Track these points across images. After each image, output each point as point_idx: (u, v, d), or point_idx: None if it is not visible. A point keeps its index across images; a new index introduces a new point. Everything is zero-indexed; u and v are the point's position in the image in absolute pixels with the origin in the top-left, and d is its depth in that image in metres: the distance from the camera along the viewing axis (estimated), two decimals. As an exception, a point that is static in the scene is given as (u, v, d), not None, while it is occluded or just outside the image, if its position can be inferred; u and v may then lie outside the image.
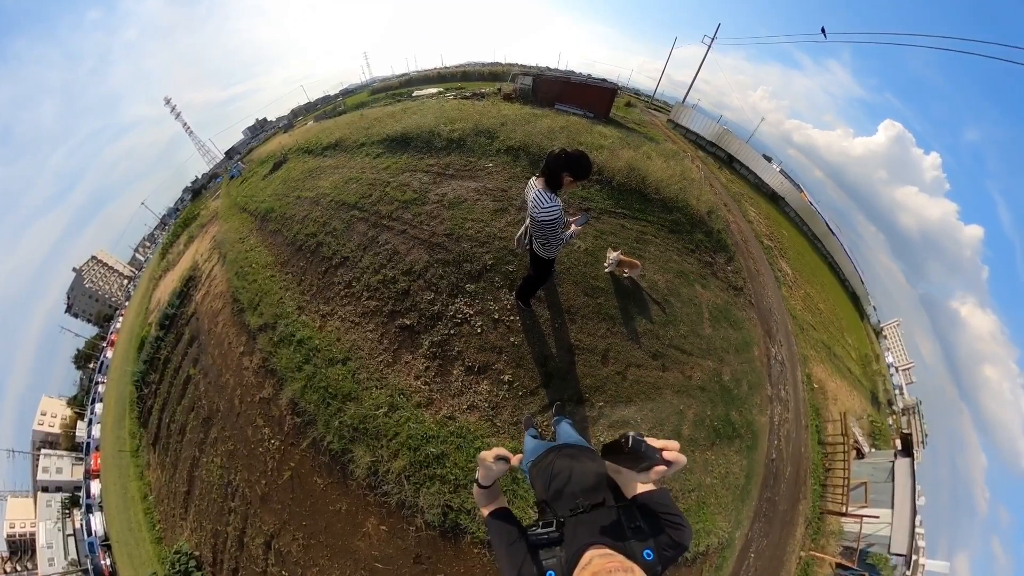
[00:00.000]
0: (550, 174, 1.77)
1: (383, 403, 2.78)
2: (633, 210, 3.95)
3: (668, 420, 2.93)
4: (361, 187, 4.49)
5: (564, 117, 6.08)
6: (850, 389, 8.22)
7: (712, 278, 3.97)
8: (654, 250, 3.70)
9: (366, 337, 3.13)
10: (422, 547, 2.45)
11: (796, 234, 11.72)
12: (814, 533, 5.02)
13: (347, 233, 3.94)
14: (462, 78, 16.73)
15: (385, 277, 3.29)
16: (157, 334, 6.84)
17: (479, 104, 7.17)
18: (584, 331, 2.98)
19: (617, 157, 4.37)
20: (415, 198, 3.90)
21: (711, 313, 3.63)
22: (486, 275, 3.13)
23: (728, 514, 3.09)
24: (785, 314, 5.78)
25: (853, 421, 7.59)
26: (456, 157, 4.47)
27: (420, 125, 5.20)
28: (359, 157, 5.50)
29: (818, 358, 6.54)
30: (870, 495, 6.88)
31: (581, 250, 3.37)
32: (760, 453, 3.67)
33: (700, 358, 3.30)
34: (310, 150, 7.43)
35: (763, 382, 4.01)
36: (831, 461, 5.76)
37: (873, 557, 7.47)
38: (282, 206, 5.55)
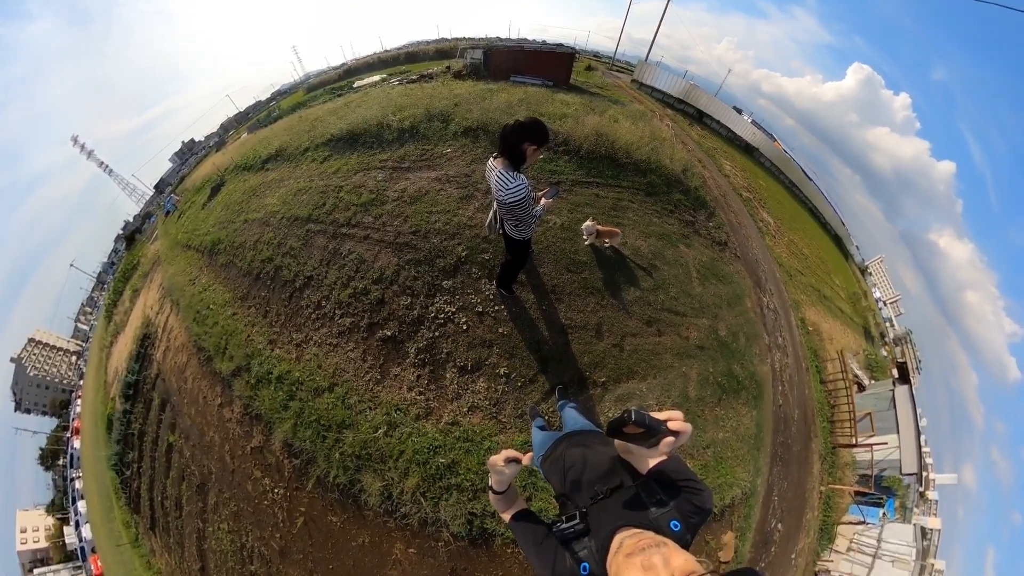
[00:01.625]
0: (509, 150, 1.76)
1: (381, 423, 2.75)
2: (606, 177, 4.07)
3: (673, 384, 3.11)
4: (312, 197, 4.32)
5: (521, 89, 6.09)
6: (843, 327, 9.07)
7: (695, 236, 4.19)
8: (632, 215, 3.85)
9: (348, 358, 3.07)
10: (455, 560, 2.50)
11: (774, 183, 12.54)
12: (830, 467, 5.57)
13: (306, 250, 3.81)
14: (407, 60, 16.23)
15: (355, 290, 3.23)
16: (123, 408, 6.33)
17: (428, 86, 6.98)
18: (573, 308, 3.07)
19: (582, 124, 4.45)
20: (373, 199, 3.81)
21: (699, 271, 3.85)
22: (462, 268, 3.14)
23: (746, 464, 3.35)
24: (772, 263, 6.23)
25: (850, 357, 8.39)
26: (410, 147, 4.39)
27: (366, 118, 5.05)
28: (304, 164, 5.27)
29: (809, 302, 7.13)
30: (876, 424, 7.66)
31: (557, 226, 3.45)
32: (767, 401, 3.98)
33: (694, 317, 3.51)
34: (249, 166, 7.03)
35: (759, 332, 4.32)
36: (835, 398, 6.36)
37: (888, 480, 8.41)
38: (229, 234, 5.25)
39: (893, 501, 9.32)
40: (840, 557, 5.79)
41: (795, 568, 4.62)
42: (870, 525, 6.38)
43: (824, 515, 5.37)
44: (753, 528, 3.53)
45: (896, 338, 21.97)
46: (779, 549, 4.08)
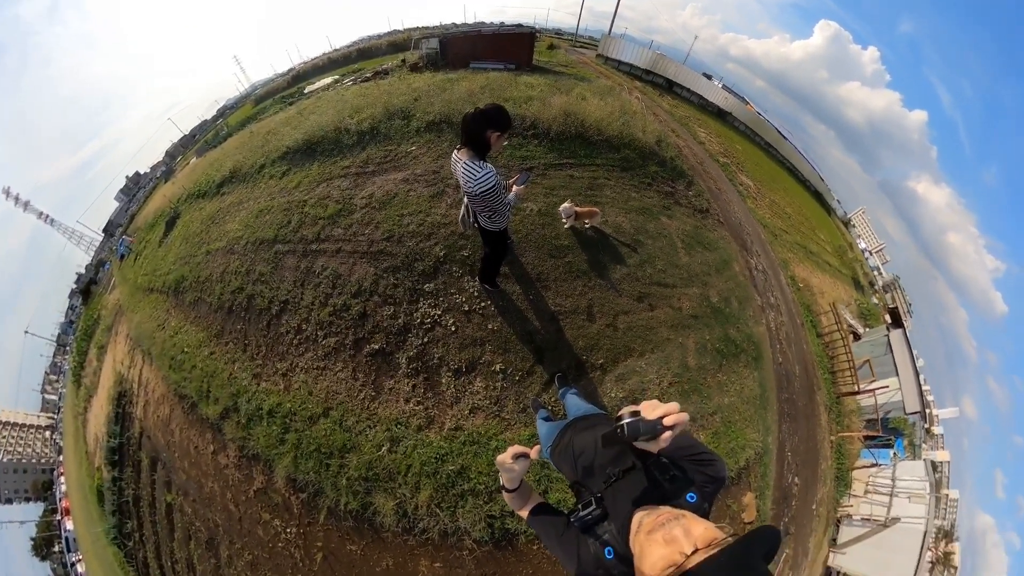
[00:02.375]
0: (472, 139, 1.76)
1: (383, 441, 2.73)
2: (578, 157, 4.12)
3: (671, 356, 3.20)
4: (276, 216, 4.21)
5: (483, 75, 6.05)
6: (833, 280, 9.53)
7: (676, 206, 4.31)
8: (610, 193, 3.92)
9: (338, 379, 3.03)
10: (483, 566, 2.53)
11: (750, 146, 12.97)
12: (837, 416, 5.87)
13: (277, 273, 3.72)
14: (359, 58, 15.80)
15: (335, 307, 3.18)
16: (112, 476, 5.91)
17: (384, 83, 6.87)
18: (561, 294, 3.11)
19: (549, 106, 4.47)
20: (340, 209, 3.75)
21: (683, 241, 3.96)
22: (442, 268, 3.13)
23: (755, 425, 3.50)
24: (756, 225, 6.47)
25: (843, 309, 8.84)
26: (373, 150, 4.33)
27: (322, 125, 4.93)
28: (263, 182, 5.12)
29: (797, 259, 7.46)
30: (875, 369, 8.13)
31: (534, 212, 3.47)
32: (767, 361, 4.16)
33: (684, 288, 3.61)
34: (203, 192, 6.71)
35: (751, 294, 4.50)
36: (832, 349, 6.70)
37: (894, 421, 8.97)
38: (193, 269, 5.04)
39: (901, 441, 9.93)
40: (859, 501, 6.14)
41: (818, 518, 4.88)
42: (883, 466, 6.78)
43: (838, 463, 5.66)
44: (771, 486, 3.70)
45: (885, 285, 23.35)
46: (799, 502, 4.31)
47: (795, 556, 4.39)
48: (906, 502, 6.12)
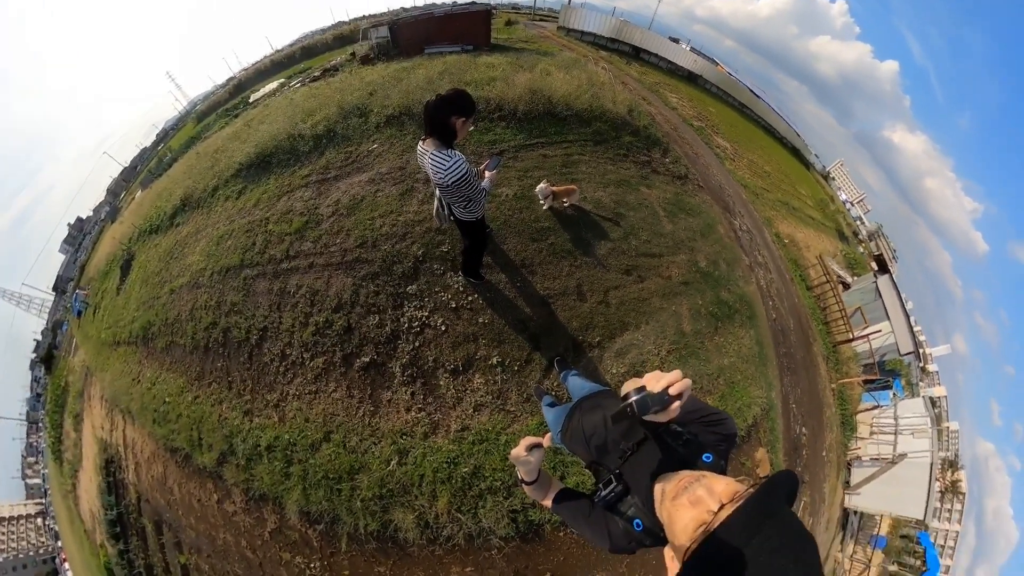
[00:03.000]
0: (436, 128, 1.74)
1: (391, 455, 2.72)
2: (549, 135, 4.14)
3: (667, 325, 3.31)
4: (238, 240, 4.07)
5: (440, 60, 5.96)
6: (817, 234, 10.00)
7: (654, 175, 4.40)
8: (586, 168, 3.97)
9: (333, 400, 2.99)
10: (514, 562, 2.58)
11: (723, 107, 13.31)
12: (835, 365, 6.23)
13: (250, 301, 3.60)
14: (304, 57, 15.17)
15: (317, 325, 3.11)
16: (117, 550, 5.55)
17: (335, 80, 6.66)
18: (548, 277, 3.15)
19: (513, 84, 4.45)
20: (306, 222, 3.65)
21: (665, 209, 4.06)
22: (423, 268, 3.11)
23: (758, 382, 3.67)
24: (736, 186, 6.69)
25: (830, 260, 9.31)
26: (332, 153, 4.22)
27: (274, 134, 4.77)
28: (219, 206, 4.91)
29: (780, 216, 7.78)
30: (867, 316, 8.63)
31: (511, 197, 3.48)
32: (761, 319, 4.35)
33: (671, 256, 3.72)
34: (156, 227, 6.36)
35: (738, 255, 4.67)
36: (823, 301, 7.08)
37: (890, 363, 9.59)
38: (159, 312, 4.79)
39: (899, 381, 10.65)
40: (866, 443, 6.56)
41: (829, 463, 5.20)
42: (884, 407, 7.25)
43: (841, 409, 6.04)
44: (781, 439, 3.91)
45: (869, 234, 24.71)
46: (810, 451, 4.57)
47: (812, 503, 4.67)
48: (910, 438, 6.57)
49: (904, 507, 6.17)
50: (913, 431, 6.70)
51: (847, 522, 6.43)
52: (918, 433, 6.64)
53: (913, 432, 6.68)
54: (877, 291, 9.04)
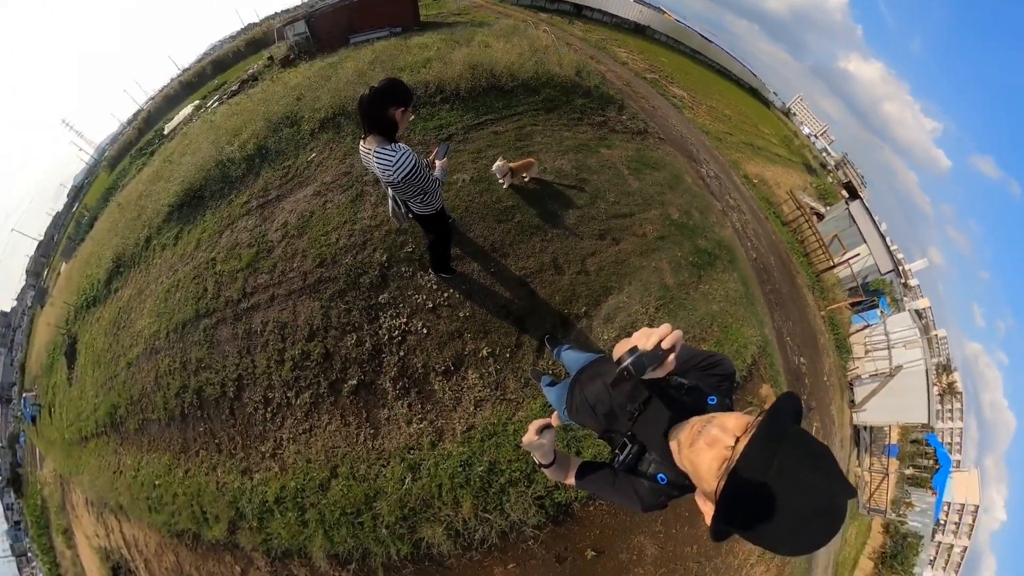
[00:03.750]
0: (375, 123, 1.71)
1: (403, 473, 2.71)
2: (497, 110, 4.12)
3: (650, 282, 3.42)
4: (187, 290, 3.86)
5: (367, 49, 5.77)
6: (785, 170, 10.56)
7: (612, 135, 4.48)
8: (541, 139, 3.99)
9: (330, 432, 2.93)
10: (553, 547, 2.66)
11: (675, 56, 13.62)
12: (821, 293, 6.68)
13: (216, 352, 3.45)
14: (216, 71, 14.20)
15: (294, 360, 3.03)
16: None
17: (256, 91, 6.38)
18: (522, 256, 3.18)
19: (451, 63, 4.38)
20: (256, 252, 3.52)
21: (629, 167, 4.16)
22: (391, 274, 3.07)
23: (749, 322, 3.87)
24: (698, 134, 6.93)
25: (800, 194, 9.88)
26: (269, 172, 4.05)
27: (200, 164, 4.54)
28: (156, 258, 4.63)
29: (746, 157, 8.15)
30: (844, 242, 9.27)
31: (468, 182, 3.46)
32: (742, 260, 4.57)
33: (643, 213, 3.83)
34: (92, 299, 5.88)
35: (710, 201, 4.87)
36: (800, 234, 7.53)
37: (873, 284, 10.41)
38: (121, 392, 4.47)
39: (884, 299, 11.60)
40: (862, 361, 7.13)
41: (832, 387, 5.60)
42: (874, 326, 7.87)
43: (834, 334, 6.49)
44: (781, 372, 4.17)
45: (836, 163, 26.38)
46: (811, 378, 4.91)
47: (824, 427, 5.04)
48: (903, 350, 7.19)
49: (908, 414, 6.77)
50: (905, 343, 7.32)
51: (859, 438, 6.99)
52: (909, 345, 7.27)
53: (905, 344, 7.30)
54: (851, 217, 9.71)
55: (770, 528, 0.55)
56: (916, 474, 11.76)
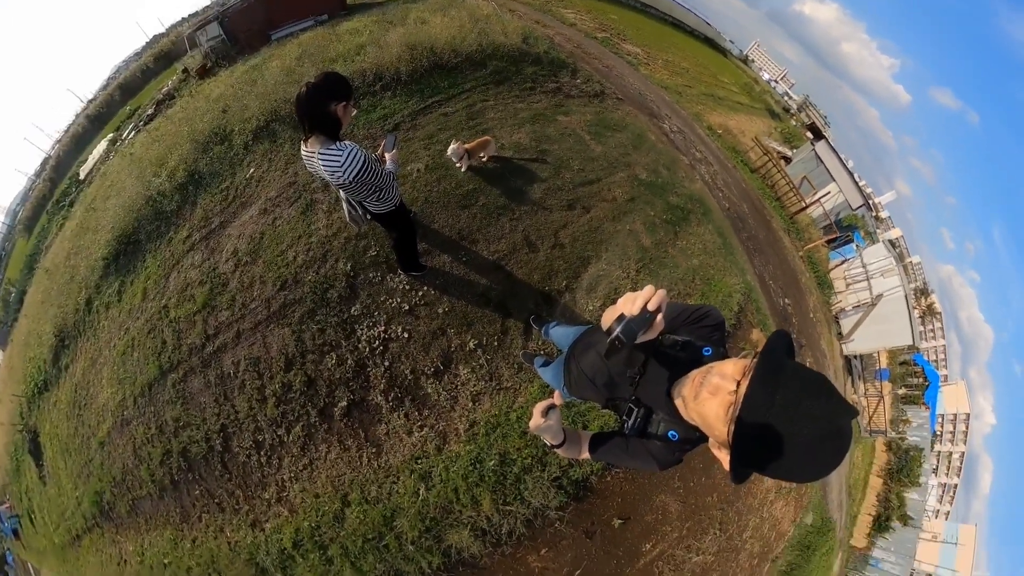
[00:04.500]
0: (315, 122, 1.64)
1: (415, 485, 2.71)
2: (443, 90, 4.04)
3: (627, 245, 3.50)
4: (144, 347, 3.67)
5: (292, 43, 5.54)
6: (748, 117, 10.95)
7: (568, 100, 4.49)
8: (494, 114, 3.95)
9: (332, 461, 2.89)
10: (580, 524, 2.78)
11: (625, 12, 13.66)
12: (797, 234, 7.07)
13: (191, 407, 3.31)
14: (125, 96, 13.12)
15: (276, 395, 2.95)
16: None
17: (175, 111, 6.02)
18: (492, 240, 3.18)
19: (387, 46, 4.25)
20: (210, 290, 3.37)
21: (590, 132, 4.19)
22: (358, 283, 3.01)
23: (731, 271, 4.05)
24: (656, 90, 7.05)
25: (766, 139, 10.29)
26: (206, 199, 3.86)
27: (128, 205, 4.27)
28: (102, 320, 4.34)
29: (707, 109, 8.38)
30: (814, 182, 9.78)
31: (422, 171, 3.41)
32: (715, 212, 4.75)
33: (609, 177, 3.89)
34: (42, 384, 5.44)
35: (676, 157, 5.00)
36: (770, 179, 7.88)
37: (846, 220, 11.09)
38: (101, 476, 4.21)
39: (858, 233, 12.39)
40: (844, 295, 7.65)
41: (818, 323, 5.98)
42: (851, 260, 8.44)
43: (814, 272, 6.93)
44: (768, 315, 4.41)
45: (798, 106, 27.62)
46: (798, 318, 5.22)
47: (816, 361, 5.40)
48: (882, 279, 7.76)
49: (894, 338, 7.36)
50: (882, 272, 7.90)
51: (851, 367, 7.55)
52: (887, 273, 7.85)
53: (883, 273, 7.88)
54: (817, 158, 10.23)
55: (785, 461, 0.59)
56: (908, 393, 12.86)
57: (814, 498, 4.61)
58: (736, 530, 3.46)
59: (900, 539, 10.47)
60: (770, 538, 4.02)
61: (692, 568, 3.15)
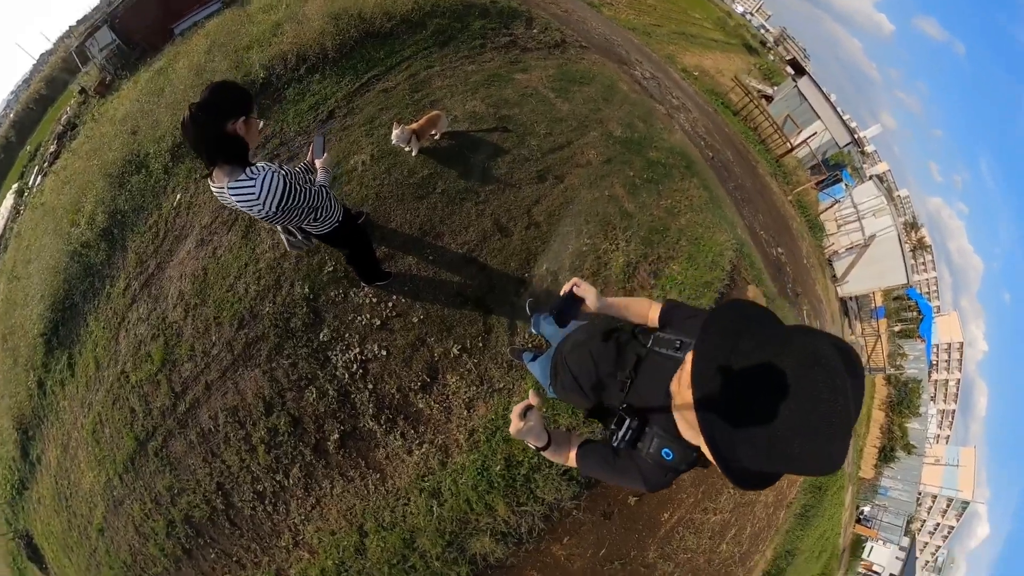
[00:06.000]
0: (214, 151, 1.39)
1: (427, 503, 2.76)
2: (380, 62, 3.67)
3: (610, 213, 3.33)
4: (114, 421, 3.53)
5: (199, 34, 4.95)
6: (724, 55, 10.63)
7: (526, 55, 4.15)
8: (442, 82, 3.61)
9: (338, 496, 2.91)
10: (596, 510, 2.92)
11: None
12: (784, 178, 7.05)
13: (181, 472, 3.27)
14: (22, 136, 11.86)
15: (264, 441, 2.93)
16: None
17: (79, 143, 5.53)
18: (458, 230, 2.97)
19: (307, 20, 3.82)
20: (164, 343, 3.24)
21: (553, 89, 3.90)
22: (321, 305, 2.86)
23: (720, 226, 3.95)
24: (623, 32, 6.65)
25: (745, 77, 10.05)
26: (136, 240, 3.61)
27: (52, 266, 4.02)
28: (61, 401, 4.11)
29: (680, 49, 8.04)
30: (798, 120, 9.69)
31: (368, 164, 3.11)
32: (699, 163, 4.58)
33: (581, 138, 3.65)
34: (18, 485, 5.06)
35: (651, 107, 4.75)
36: (752, 121, 7.72)
37: (833, 158, 11.16)
38: (109, 563, 4.08)
39: (846, 171, 12.57)
40: (836, 237, 7.81)
41: (813, 268, 6.06)
42: (841, 200, 8.57)
43: (804, 216, 6.98)
44: (762, 268, 4.37)
45: (775, 39, 27.16)
46: (792, 266, 5.25)
47: (813, 307, 5.50)
48: (873, 219, 7.94)
49: (888, 278, 7.67)
50: (874, 212, 8.05)
51: (847, 309, 7.81)
52: (879, 213, 8.01)
53: (874, 213, 8.03)
54: (800, 94, 10.08)
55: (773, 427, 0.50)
56: (904, 327, 13.62)
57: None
58: (749, 485, 3.69)
59: (905, 467, 11.39)
60: (782, 486, 4.38)
61: (711, 527, 3.33)
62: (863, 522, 12.55)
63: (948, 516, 21.18)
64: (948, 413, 22.40)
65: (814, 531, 5.45)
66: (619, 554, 2.98)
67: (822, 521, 5.72)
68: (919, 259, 24.31)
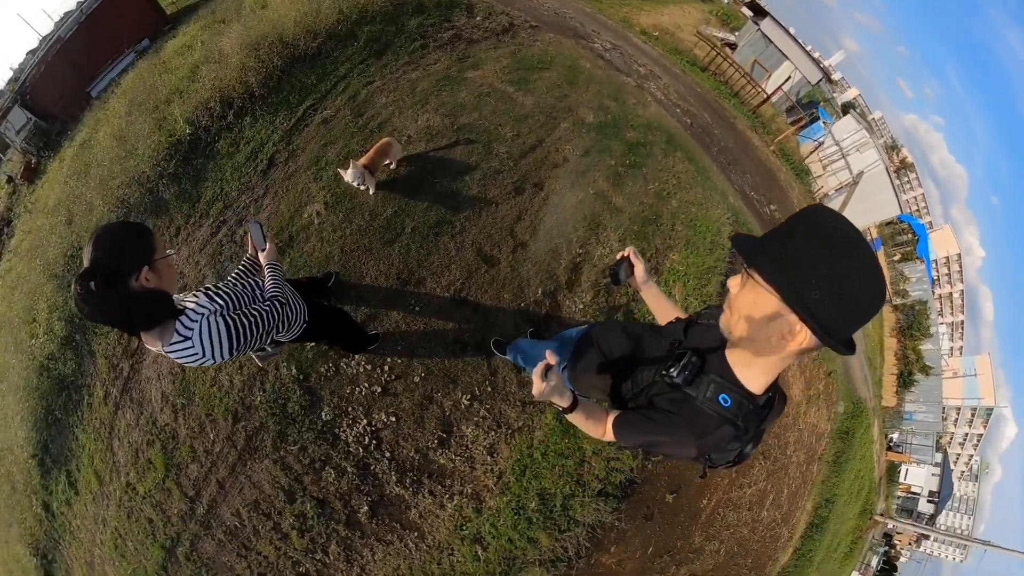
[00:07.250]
0: (127, 320, 1.13)
1: (472, 550, 2.79)
2: (312, 89, 3.34)
3: (597, 209, 3.13)
4: (134, 535, 3.38)
5: (116, 95, 4.57)
6: (680, 8, 10.28)
7: (473, 47, 3.86)
8: (385, 98, 3.30)
9: (381, 560, 2.91)
10: (637, 514, 3.03)
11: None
12: (763, 128, 6.91)
13: (218, 571, 3.17)
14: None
15: (296, 527, 2.88)
16: None
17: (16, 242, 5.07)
18: (439, 269, 2.75)
19: (224, 57, 3.51)
20: (163, 448, 3.11)
21: (512, 82, 3.63)
22: (314, 384, 2.73)
23: (712, 199, 3.82)
24: (573, 3, 6.30)
25: (706, 28, 9.77)
26: (100, 342, 3.34)
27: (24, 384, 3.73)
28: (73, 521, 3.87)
29: (635, 9, 7.70)
30: (765, 64, 9.48)
31: (324, 214, 2.82)
32: (679, 134, 4.38)
33: (552, 133, 3.40)
34: None
35: (620, 81, 4.49)
36: (722, 74, 7.49)
37: (806, 96, 11.03)
38: None
39: (822, 108, 12.49)
40: (824, 178, 7.75)
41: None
42: (822, 139, 8.48)
43: (789, 164, 6.91)
44: (760, 232, 4.27)
45: None
46: (783, 216, 5.15)
47: None
48: (858, 155, 7.88)
49: (881, 212, 7.76)
50: (858, 147, 7.98)
51: (846, 250, 7.85)
52: (863, 147, 7.95)
53: (858, 148, 7.97)
54: (764, 37, 9.84)
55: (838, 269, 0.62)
56: (902, 254, 13.85)
57: (839, 384, 4.94)
58: (779, 451, 3.87)
59: (926, 388, 11.67)
60: (811, 443, 4.48)
61: (749, 499, 3.50)
62: (894, 449, 12.93)
63: (975, 424, 22.06)
64: (957, 325, 23.09)
65: (848, 474, 5.69)
66: (666, 548, 3.12)
67: (855, 463, 5.98)
68: (903, 178, 24.68)
